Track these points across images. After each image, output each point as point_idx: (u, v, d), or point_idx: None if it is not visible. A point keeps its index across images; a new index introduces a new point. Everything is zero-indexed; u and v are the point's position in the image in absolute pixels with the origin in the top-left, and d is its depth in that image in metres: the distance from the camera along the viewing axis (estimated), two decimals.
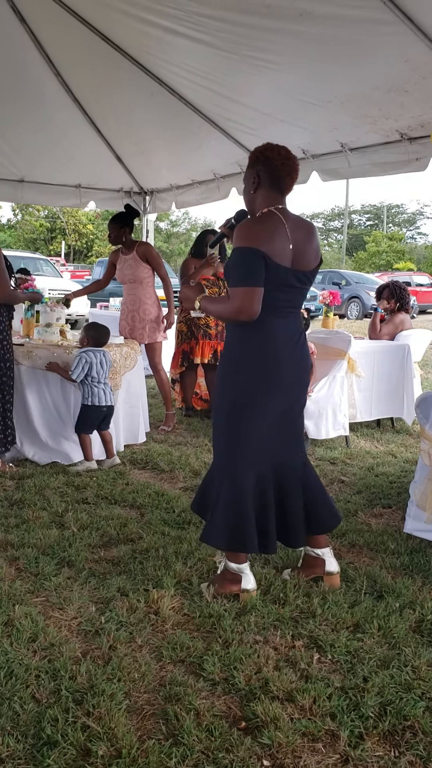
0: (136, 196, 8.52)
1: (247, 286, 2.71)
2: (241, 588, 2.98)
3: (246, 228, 2.80)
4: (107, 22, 5.27)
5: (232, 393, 2.93)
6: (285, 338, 2.90)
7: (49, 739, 2.07)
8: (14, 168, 7.48)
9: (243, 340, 2.89)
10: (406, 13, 3.71)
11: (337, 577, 3.16)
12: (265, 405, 2.92)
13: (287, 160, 2.88)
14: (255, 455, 2.96)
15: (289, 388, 2.96)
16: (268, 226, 2.79)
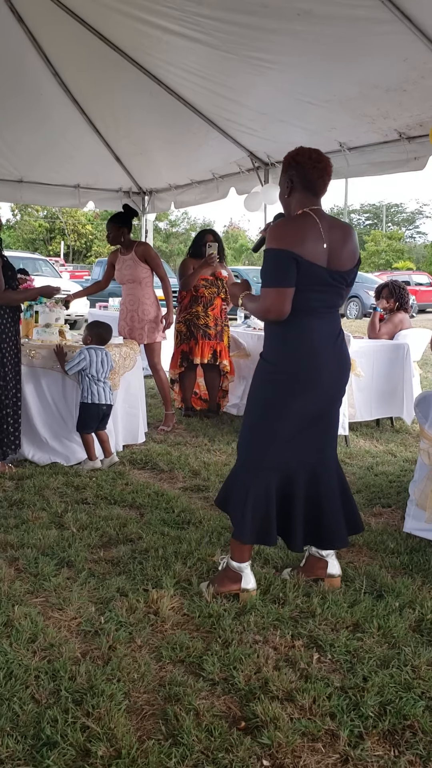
0: (135, 196, 8.53)
1: (277, 286, 2.76)
2: (241, 587, 2.98)
3: (277, 229, 2.84)
4: (106, 23, 5.27)
5: (269, 393, 2.94)
6: (323, 338, 2.92)
7: (48, 740, 2.07)
8: (13, 168, 7.49)
9: (281, 341, 2.91)
10: (405, 12, 3.71)
11: (338, 579, 3.16)
12: (301, 406, 2.93)
13: (318, 163, 2.92)
14: (286, 455, 2.98)
15: (327, 388, 2.97)
16: (300, 227, 2.82)
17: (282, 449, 2.97)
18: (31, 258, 18.69)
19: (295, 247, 2.75)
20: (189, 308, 6.51)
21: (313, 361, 2.89)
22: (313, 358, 2.89)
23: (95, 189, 8.32)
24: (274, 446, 2.96)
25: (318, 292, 2.84)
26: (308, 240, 2.78)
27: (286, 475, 2.99)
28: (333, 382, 2.98)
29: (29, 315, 5.63)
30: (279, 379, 2.92)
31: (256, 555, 3.43)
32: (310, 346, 2.89)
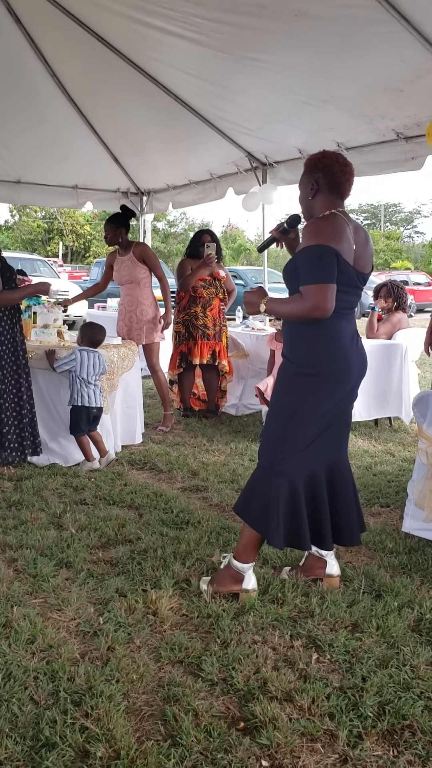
0: (133, 196, 8.53)
1: (323, 282, 2.74)
2: (242, 588, 2.98)
3: (317, 226, 2.84)
4: (103, 23, 5.27)
5: (303, 393, 2.92)
6: (349, 339, 2.94)
7: (47, 741, 2.06)
8: (11, 169, 7.49)
9: (310, 341, 2.90)
10: (401, 12, 3.72)
11: (337, 579, 3.16)
12: (332, 405, 2.95)
13: (345, 167, 2.96)
14: (313, 456, 2.98)
15: (353, 388, 3.02)
16: (337, 225, 2.83)
17: (311, 450, 2.97)
18: (29, 259, 18.70)
19: (335, 244, 2.77)
20: (187, 309, 6.51)
21: (345, 361, 2.92)
22: (344, 358, 2.92)
23: (93, 189, 8.32)
24: (306, 447, 2.95)
25: (347, 293, 2.87)
26: (344, 239, 2.81)
27: (311, 475, 3.00)
28: (358, 380, 3.03)
29: (27, 316, 5.63)
30: (313, 380, 2.90)
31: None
32: (341, 346, 2.91)
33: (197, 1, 4.19)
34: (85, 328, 5.06)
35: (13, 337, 4.65)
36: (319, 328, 2.85)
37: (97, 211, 11.45)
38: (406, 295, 6.64)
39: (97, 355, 4.92)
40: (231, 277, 6.86)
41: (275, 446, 2.97)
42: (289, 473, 2.93)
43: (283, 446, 2.95)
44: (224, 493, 4.44)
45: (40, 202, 9.29)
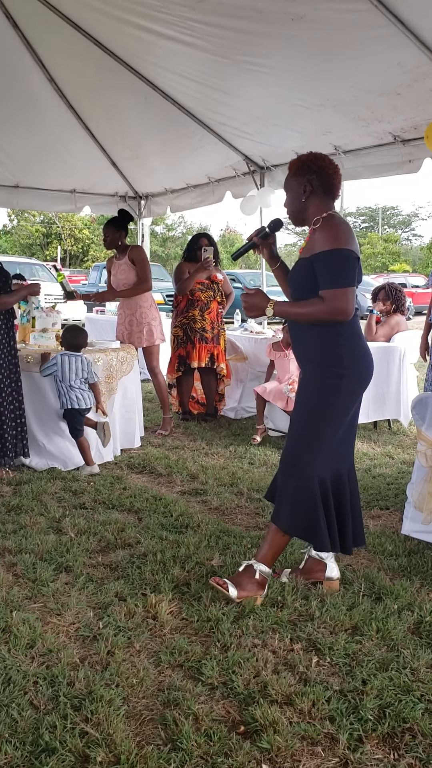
0: (131, 200, 8.54)
1: (346, 286, 2.79)
2: (263, 593, 3.00)
3: (333, 230, 2.85)
4: (100, 27, 5.28)
5: (334, 395, 2.91)
6: (363, 338, 3.03)
7: (47, 746, 2.06)
8: (9, 174, 7.50)
9: (340, 342, 2.91)
10: (398, 16, 3.73)
11: (337, 582, 3.16)
12: (357, 405, 3.03)
13: (337, 168, 3.00)
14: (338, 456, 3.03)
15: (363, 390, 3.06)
16: (348, 227, 2.89)
17: (338, 451, 3.02)
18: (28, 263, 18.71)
19: (352, 245, 2.83)
20: (185, 312, 6.51)
21: (369, 360, 3.01)
22: (368, 357, 3.01)
23: (91, 194, 8.32)
24: (335, 449, 2.99)
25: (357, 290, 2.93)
26: (355, 240, 2.86)
27: (337, 478, 3.03)
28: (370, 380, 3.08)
29: (26, 320, 5.64)
30: (347, 379, 2.92)
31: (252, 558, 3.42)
32: (364, 345, 3.00)
33: (194, 6, 4.20)
34: (65, 333, 5.03)
35: (9, 342, 4.68)
36: (345, 328, 2.89)
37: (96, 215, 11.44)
38: (405, 298, 6.64)
39: (79, 359, 4.88)
40: (229, 280, 6.86)
41: (309, 450, 2.96)
42: (322, 476, 2.97)
43: (317, 450, 2.95)
44: (224, 497, 4.44)
45: (38, 207, 9.29)
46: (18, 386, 4.74)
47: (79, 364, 4.85)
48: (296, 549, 3.52)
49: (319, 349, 2.95)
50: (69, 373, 4.80)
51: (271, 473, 4.99)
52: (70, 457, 5.02)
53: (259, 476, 4.90)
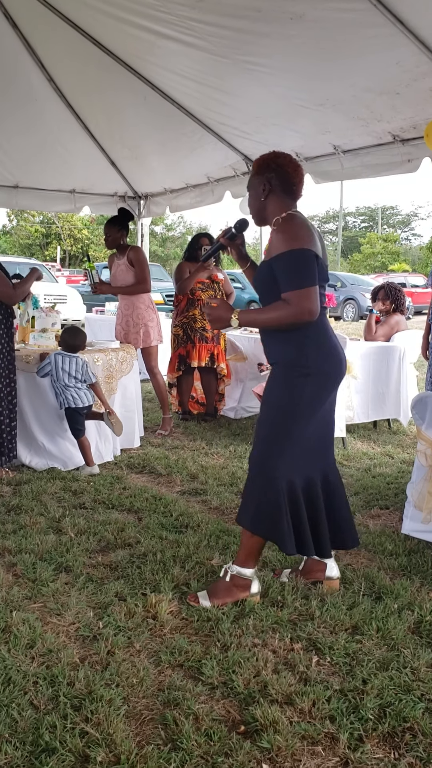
0: (131, 200, 8.53)
1: (308, 286, 2.73)
2: (250, 593, 2.98)
3: (289, 230, 2.81)
4: (99, 27, 5.27)
5: (302, 395, 2.88)
6: (333, 336, 2.99)
7: (47, 746, 2.06)
8: (8, 174, 7.49)
9: (307, 340, 2.87)
10: (397, 15, 3.72)
11: (337, 582, 3.16)
12: (328, 403, 2.99)
13: (297, 167, 2.95)
14: (311, 459, 2.98)
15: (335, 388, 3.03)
16: (306, 226, 2.83)
17: (309, 453, 2.97)
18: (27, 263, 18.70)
19: (311, 245, 2.77)
20: (186, 312, 6.51)
21: (338, 357, 2.96)
22: (337, 354, 2.96)
23: (91, 194, 8.31)
24: (305, 450, 2.95)
25: (323, 289, 2.90)
26: (315, 238, 2.81)
27: (309, 481, 2.98)
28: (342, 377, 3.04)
29: (26, 321, 5.64)
30: (316, 378, 2.89)
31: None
32: (333, 343, 2.95)
33: (193, 5, 4.19)
34: (64, 333, 5.02)
35: (8, 342, 4.70)
36: (313, 327, 2.85)
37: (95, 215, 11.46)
38: (404, 298, 6.64)
39: (74, 359, 4.86)
40: (229, 280, 6.87)
41: (276, 451, 2.92)
42: (290, 477, 2.91)
43: (285, 451, 2.91)
44: (223, 497, 4.44)
45: (37, 207, 9.29)
46: (14, 387, 4.74)
47: (73, 365, 4.83)
48: None
49: (285, 349, 2.91)
50: (62, 373, 4.78)
51: None
52: (69, 457, 5.02)
53: None
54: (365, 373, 6.01)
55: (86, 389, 4.88)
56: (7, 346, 4.68)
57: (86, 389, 4.88)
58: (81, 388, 4.84)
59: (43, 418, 5.00)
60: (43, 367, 4.82)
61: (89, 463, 4.91)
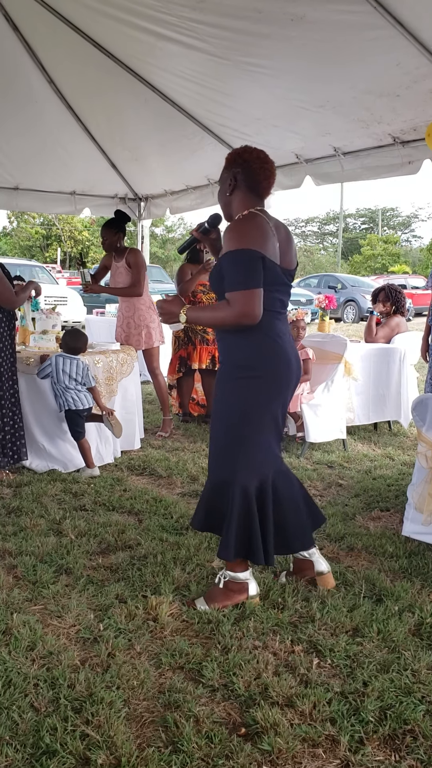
0: (131, 202, 8.54)
1: (249, 288, 2.66)
2: (248, 596, 2.97)
3: (239, 229, 2.76)
4: (99, 29, 5.28)
5: (245, 399, 2.84)
6: (287, 337, 2.90)
7: (48, 749, 2.06)
8: (9, 176, 7.50)
9: (253, 343, 2.81)
10: (397, 17, 3.73)
11: (329, 575, 3.14)
12: (277, 407, 2.89)
13: (265, 164, 2.87)
14: (264, 461, 2.92)
15: (293, 387, 2.96)
16: (258, 226, 2.75)
17: (263, 456, 2.90)
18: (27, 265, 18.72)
19: (258, 245, 2.69)
20: None
21: (285, 361, 2.86)
22: (285, 358, 2.86)
23: (91, 195, 8.32)
24: (257, 453, 2.89)
25: (278, 292, 2.83)
26: (267, 239, 2.73)
27: (263, 482, 2.91)
28: (296, 380, 2.96)
29: (24, 322, 5.64)
30: (260, 382, 2.82)
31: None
32: (281, 347, 2.84)
33: (194, 6, 4.19)
34: (65, 335, 5.00)
35: (10, 344, 4.69)
36: (260, 329, 2.77)
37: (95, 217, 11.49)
38: (404, 299, 6.64)
39: (75, 361, 4.86)
40: None
41: (227, 456, 2.89)
42: (244, 482, 2.86)
43: (239, 454, 2.87)
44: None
45: (38, 209, 9.30)
46: (16, 389, 4.74)
47: (74, 367, 4.83)
48: None
49: (233, 350, 2.87)
50: (63, 375, 4.78)
51: None
52: (70, 459, 5.02)
53: None
54: (366, 374, 6.01)
55: (86, 392, 4.88)
56: (9, 347, 4.68)
57: (86, 392, 4.88)
58: (81, 390, 4.84)
59: (44, 420, 5.00)
60: (44, 368, 4.82)
61: (89, 465, 4.91)
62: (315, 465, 5.34)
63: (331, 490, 4.74)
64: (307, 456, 5.57)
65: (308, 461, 5.44)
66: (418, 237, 55.84)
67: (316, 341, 5.93)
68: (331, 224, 56.82)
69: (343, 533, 3.85)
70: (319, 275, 27.84)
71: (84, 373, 4.86)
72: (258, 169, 2.85)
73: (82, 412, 4.86)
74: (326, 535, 3.83)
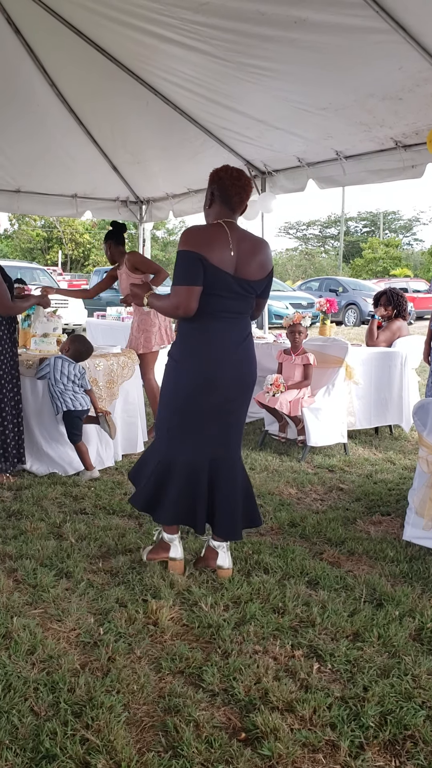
0: (132, 205, 8.55)
1: (186, 285, 3.00)
2: (169, 555, 3.34)
3: (188, 234, 3.07)
4: (102, 32, 5.29)
5: (174, 386, 3.20)
6: (224, 341, 3.14)
7: (47, 753, 2.05)
8: (10, 178, 7.51)
9: (186, 340, 3.17)
10: (400, 21, 3.74)
11: (228, 571, 3.31)
12: (200, 401, 3.16)
13: (237, 181, 3.14)
14: (190, 444, 3.21)
15: (225, 388, 3.17)
16: (207, 234, 3.07)
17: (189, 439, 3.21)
18: (29, 267, 18.73)
19: (201, 250, 2.99)
20: None
21: (211, 362, 3.13)
22: (210, 359, 3.13)
23: (93, 198, 8.34)
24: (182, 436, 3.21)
25: (223, 297, 3.07)
26: (215, 246, 3.02)
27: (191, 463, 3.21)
28: (230, 381, 3.18)
29: (27, 325, 5.64)
30: (179, 369, 3.18)
31: (255, 564, 3.42)
32: (208, 349, 3.13)
33: (197, 9, 4.20)
34: (74, 341, 4.97)
35: (12, 347, 4.69)
36: (195, 328, 3.12)
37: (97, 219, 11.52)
38: (406, 303, 6.63)
39: (74, 364, 4.86)
40: None
41: (158, 426, 3.34)
42: (166, 451, 3.25)
43: (162, 427, 3.29)
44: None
45: (39, 211, 9.32)
46: (17, 392, 4.74)
47: (71, 369, 4.83)
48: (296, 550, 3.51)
49: (176, 343, 3.26)
50: (61, 377, 4.78)
51: (272, 478, 4.99)
52: (70, 462, 5.01)
53: (260, 481, 4.90)
54: (367, 378, 6.00)
55: (83, 394, 4.88)
56: (10, 351, 4.68)
57: (83, 394, 4.88)
58: (78, 392, 4.84)
59: (44, 423, 4.99)
60: (42, 369, 4.82)
61: (88, 467, 4.90)
62: (316, 469, 5.34)
63: (332, 494, 4.74)
64: (308, 460, 5.57)
65: (309, 465, 5.44)
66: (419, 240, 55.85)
67: (317, 345, 5.93)
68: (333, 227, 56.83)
69: (343, 537, 3.84)
70: (321, 278, 27.85)
71: (81, 376, 4.87)
72: (230, 186, 3.14)
73: (80, 413, 4.85)
74: (327, 539, 3.83)
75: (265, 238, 7.34)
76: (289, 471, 5.20)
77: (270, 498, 4.53)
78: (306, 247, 56.49)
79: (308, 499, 4.57)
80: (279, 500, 4.48)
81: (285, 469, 5.25)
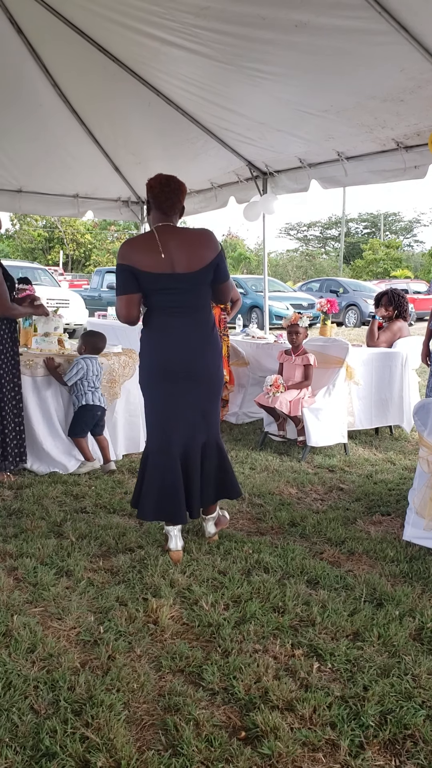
0: (134, 205, 8.56)
1: (119, 295, 3.33)
2: (168, 546, 3.52)
3: (120, 248, 3.35)
4: (105, 34, 5.30)
5: (142, 380, 3.52)
6: (175, 331, 3.37)
7: (47, 751, 2.05)
8: (12, 178, 7.52)
9: (143, 336, 3.47)
10: (401, 23, 3.74)
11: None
12: (159, 391, 3.45)
13: (167, 186, 3.42)
14: (162, 434, 3.48)
15: (178, 378, 3.40)
16: (135, 244, 3.35)
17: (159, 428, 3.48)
18: (30, 267, 18.73)
19: (130, 261, 3.28)
20: None
21: (162, 352, 3.38)
22: (161, 350, 3.38)
23: (94, 198, 8.35)
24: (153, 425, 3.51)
25: (166, 294, 3.33)
26: (144, 253, 3.28)
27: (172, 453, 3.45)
28: (187, 370, 3.40)
29: (28, 324, 5.64)
30: (142, 369, 3.49)
31: (256, 563, 3.43)
32: (159, 340, 3.39)
33: (198, 12, 4.21)
34: (87, 336, 5.16)
35: (12, 347, 4.68)
36: (148, 324, 3.44)
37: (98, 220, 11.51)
38: (407, 304, 6.63)
39: (96, 361, 5.04)
40: (235, 286, 6.85)
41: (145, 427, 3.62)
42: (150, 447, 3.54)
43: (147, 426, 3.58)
44: (224, 502, 4.43)
45: (41, 211, 9.33)
46: (19, 391, 4.75)
47: (98, 366, 5.04)
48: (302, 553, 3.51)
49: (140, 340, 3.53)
50: (92, 374, 4.96)
51: (273, 478, 4.99)
52: (71, 461, 5.02)
53: (260, 482, 4.90)
54: (367, 379, 6.00)
55: (101, 392, 4.99)
56: (11, 350, 4.67)
57: (101, 392, 4.99)
58: (99, 387, 4.95)
59: (45, 422, 5.00)
60: (77, 372, 4.90)
61: (88, 458, 5.01)
62: (316, 469, 5.34)
63: (332, 494, 4.74)
64: (308, 460, 5.57)
65: (309, 465, 5.44)
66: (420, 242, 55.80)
67: (317, 345, 5.93)
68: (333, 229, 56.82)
69: (344, 537, 3.84)
70: (321, 279, 27.86)
71: (101, 369, 5.07)
72: (159, 192, 3.40)
73: (97, 408, 4.92)
74: (327, 539, 3.83)
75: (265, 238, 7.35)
76: (290, 471, 5.20)
77: (270, 498, 4.53)
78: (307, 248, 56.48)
79: (308, 499, 4.57)
80: (279, 500, 4.48)
81: (285, 469, 5.25)
